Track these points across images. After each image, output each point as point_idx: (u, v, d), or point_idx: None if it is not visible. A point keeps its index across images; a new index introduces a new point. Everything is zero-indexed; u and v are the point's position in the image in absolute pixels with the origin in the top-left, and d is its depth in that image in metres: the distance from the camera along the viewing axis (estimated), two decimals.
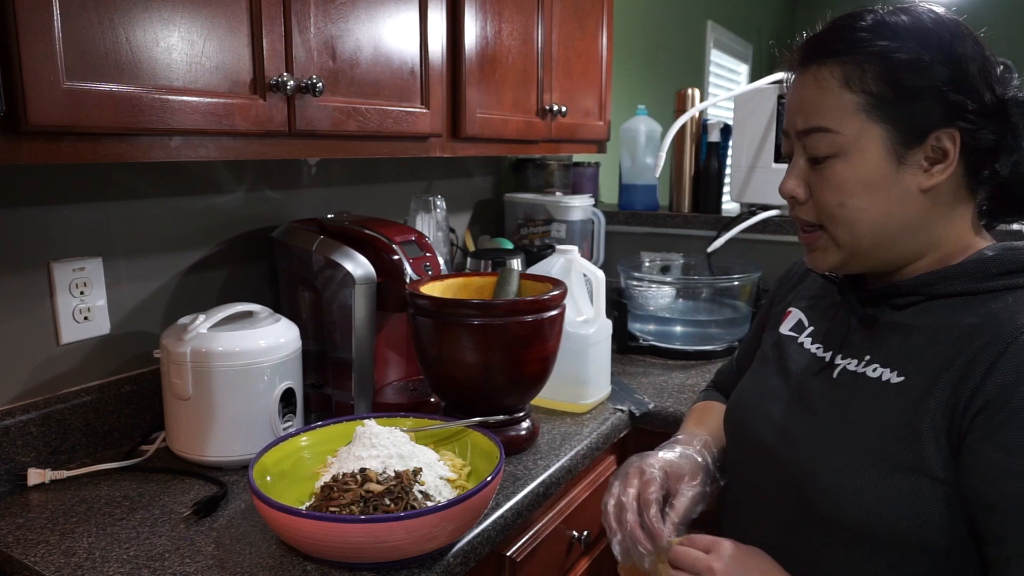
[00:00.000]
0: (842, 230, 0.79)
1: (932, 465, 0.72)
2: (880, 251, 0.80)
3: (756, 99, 1.88)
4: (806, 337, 0.92)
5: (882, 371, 0.78)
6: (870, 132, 0.76)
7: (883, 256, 0.81)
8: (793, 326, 0.95)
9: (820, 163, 0.79)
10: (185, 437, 1.13)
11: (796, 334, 0.94)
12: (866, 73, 0.75)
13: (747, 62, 4.75)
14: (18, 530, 0.96)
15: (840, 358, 0.84)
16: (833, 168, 0.78)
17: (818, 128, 0.78)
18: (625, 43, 2.86)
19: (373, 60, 1.16)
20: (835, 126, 0.77)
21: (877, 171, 0.76)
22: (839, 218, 0.79)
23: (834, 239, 0.80)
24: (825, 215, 0.80)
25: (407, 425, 1.07)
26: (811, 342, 0.91)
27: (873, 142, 0.76)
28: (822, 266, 0.84)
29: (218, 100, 0.93)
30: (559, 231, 2.01)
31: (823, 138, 0.78)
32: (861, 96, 0.75)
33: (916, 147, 0.75)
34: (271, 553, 0.91)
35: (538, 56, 1.62)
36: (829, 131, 0.77)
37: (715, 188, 2.06)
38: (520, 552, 1.11)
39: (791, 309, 0.98)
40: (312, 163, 1.52)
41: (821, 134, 0.78)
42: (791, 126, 0.82)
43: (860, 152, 0.76)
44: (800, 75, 0.81)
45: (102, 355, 1.20)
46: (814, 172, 0.80)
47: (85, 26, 0.79)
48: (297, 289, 1.31)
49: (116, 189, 1.19)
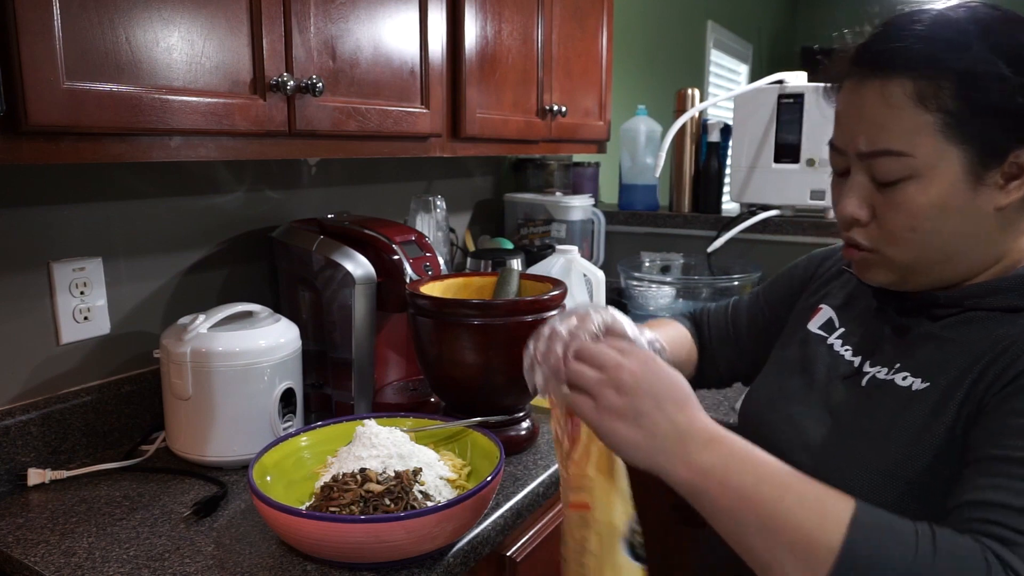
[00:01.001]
0: (906, 253, 0.74)
1: (944, 467, 0.69)
2: (942, 269, 0.75)
3: (756, 99, 1.88)
4: (836, 338, 0.88)
5: (913, 380, 0.75)
6: (947, 154, 0.69)
7: (944, 274, 0.75)
8: (823, 324, 0.91)
9: (890, 186, 0.72)
10: (185, 437, 1.13)
11: (825, 333, 0.89)
12: (941, 90, 0.68)
13: (747, 62, 4.75)
14: (18, 530, 0.96)
15: (869, 365, 0.81)
16: (905, 192, 0.71)
17: (887, 152, 0.71)
18: (625, 43, 2.86)
19: (373, 60, 1.16)
20: (908, 149, 0.70)
21: (953, 194, 0.70)
22: (907, 242, 0.73)
23: (893, 260, 0.75)
24: (889, 239, 0.74)
25: (407, 425, 1.07)
26: (841, 344, 0.86)
27: (950, 165, 0.69)
28: (876, 282, 0.79)
29: (218, 100, 0.93)
30: (559, 231, 2.01)
31: (894, 162, 0.70)
32: (937, 116, 0.68)
33: (995, 168, 0.69)
34: (271, 553, 0.91)
35: (538, 56, 1.62)
36: (902, 155, 0.70)
37: (715, 188, 2.07)
38: (520, 552, 1.11)
39: (822, 306, 0.93)
40: (312, 163, 1.52)
41: (892, 158, 0.70)
42: (849, 144, 0.74)
43: (936, 175, 0.70)
44: (858, 87, 0.73)
45: (102, 355, 1.20)
46: (881, 194, 0.73)
47: (85, 26, 0.79)
48: (297, 289, 1.31)
49: (116, 189, 1.19)
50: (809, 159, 1.82)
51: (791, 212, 1.91)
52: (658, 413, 0.65)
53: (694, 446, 0.64)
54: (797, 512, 0.60)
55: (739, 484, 0.62)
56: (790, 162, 1.84)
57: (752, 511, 0.61)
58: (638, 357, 0.68)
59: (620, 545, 0.68)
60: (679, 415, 0.65)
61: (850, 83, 0.74)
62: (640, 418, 0.65)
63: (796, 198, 1.86)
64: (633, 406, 0.65)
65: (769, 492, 0.61)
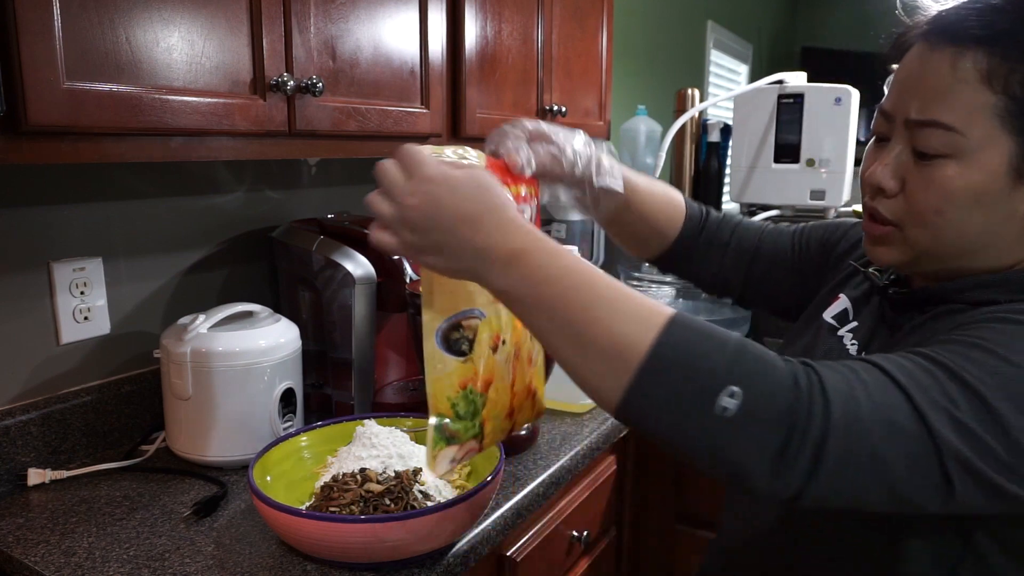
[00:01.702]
0: (926, 236, 0.70)
1: None
2: (956, 262, 0.71)
3: (756, 99, 1.88)
4: (847, 331, 0.84)
5: None
6: (997, 142, 0.65)
7: (956, 267, 0.72)
8: (837, 315, 0.87)
9: (928, 160, 0.68)
10: (185, 437, 1.13)
11: (838, 324, 0.86)
12: (1014, 73, 0.63)
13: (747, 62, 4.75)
14: (18, 530, 0.96)
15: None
16: (943, 170, 0.67)
17: (937, 123, 0.66)
18: (625, 43, 2.86)
19: (373, 60, 1.16)
20: (960, 125, 0.65)
21: (992, 186, 0.66)
22: (930, 224, 0.69)
23: (910, 240, 0.71)
24: (914, 217, 0.70)
25: (407, 425, 1.07)
26: (851, 338, 0.83)
27: (998, 153, 0.65)
28: (884, 261, 0.75)
29: (218, 100, 0.93)
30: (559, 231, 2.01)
31: (941, 135, 0.66)
32: (1000, 98, 0.64)
33: None
34: (271, 553, 0.91)
35: (538, 56, 1.62)
36: (951, 130, 0.66)
37: (715, 188, 2.07)
38: (520, 552, 1.11)
39: (841, 295, 0.88)
40: (312, 163, 1.52)
41: (940, 131, 0.66)
42: (899, 110, 0.70)
43: (980, 161, 0.66)
44: (926, 53, 0.68)
45: (102, 355, 1.20)
46: (916, 168, 0.69)
47: (85, 26, 0.79)
48: (297, 289, 1.31)
49: (116, 189, 1.19)
50: (809, 159, 1.82)
51: (791, 212, 1.91)
52: (454, 241, 0.64)
53: (497, 267, 0.63)
54: (607, 320, 0.59)
55: (547, 298, 0.61)
56: (790, 162, 1.85)
57: (561, 325, 0.61)
58: (420, 183, 0.65)
59: (435, 337, 0.69)
60: (476, 237, 0.63)
61: (918, 48, 0.69)
62: (442, 248, 0.64)
63: (796, 198, 1.86)
64: (431, 240, 0.64)
65: (577, 304, 0.60)
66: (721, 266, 1.02)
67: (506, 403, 0.73)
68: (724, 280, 1.03)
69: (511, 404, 0.73)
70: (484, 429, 0.71)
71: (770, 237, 1.02)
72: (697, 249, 1.02)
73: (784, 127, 1.85)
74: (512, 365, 0.73)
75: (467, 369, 0.70)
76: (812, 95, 1.80)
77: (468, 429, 0.70)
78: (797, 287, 0.99)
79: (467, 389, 0.70)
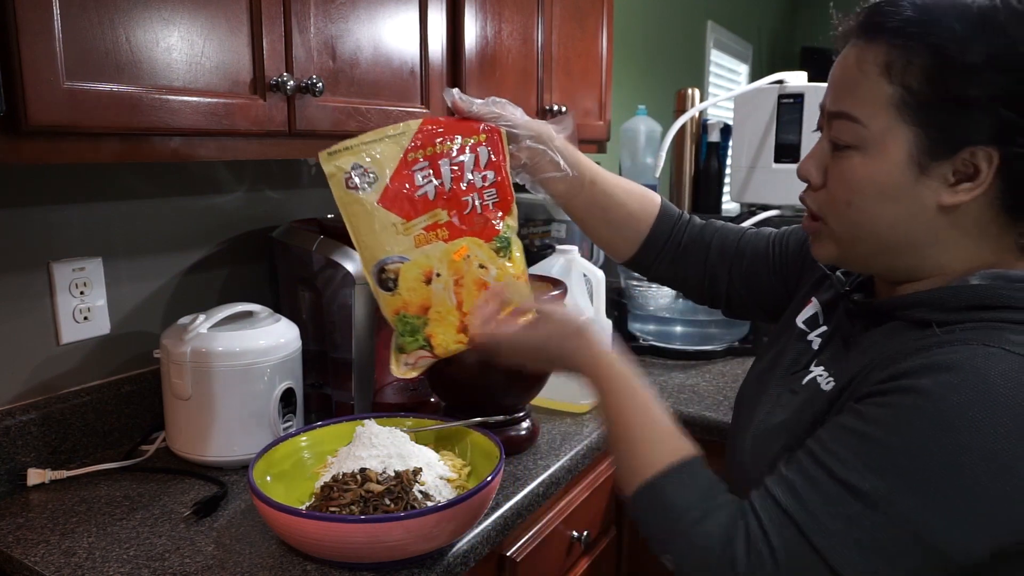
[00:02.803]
0: (843, 228, 0.73)
1: None
2: (877, 260, 0.74)
3: (756, 99, 1.88)
4: (816, 336, 0.85)
5: (829, 380, 0.75)
6: (896, 133, 0.67)
7: (880, 265, 0.75)
8: (807, 319, 0.88)
9: (840, 151, 0.71)
10: (185, 437, 1.13)
11: (808, 329, 0.87)
12: (911, 64, 0.65)
13: (747, 62, 4.75)
14: (18, 530, 0.96)
15: (814, 365, 0.80)
16: (850, 161, 0.70)
17: (844, 114, 0.70)
18: (625, 43, 2.86)
19: (373, 60, 1.16)
20: (863, 116, 0.68)
21: (893, 177, 0.68)
22: (843, 216, 0.72)
23: (834, 234, 0.75)
24: (831, 208, 0.73)
25: (407, 425, 1.07)
26: (819, 343, 0.84)
27: (897, 145, 0.67)
28: (822, 257, 0.78)
29: (218, 100, 0.93)
30: (559, 231, 2.01)
31: (848, 127, 0.69)
32: (898, 89, 0.66)
33: (944, 160, 0.66)
34: (271, 553, 0.91)
35: (538, 56, 1.62)
36: (855, 120, 0.69)
37: (715, 188, 2.07)
38: (520, 552, 1.11)
39: (812, 299, 0.89)
40: (312, 163, 1.52)
41: (847, 122, 0.69)
42: (824, 102, 0.74)
43: (881, 152, 0.68)
44: (848, 48, 0.71)
45: (102, 355, 1.20)
46: (833, 160, 0.73)
47: (85, 26, 0.79)
48: (297, 289, 1.31)
49: (116, 189, 1.19)
50: None
51: (791, 212, 1.91)
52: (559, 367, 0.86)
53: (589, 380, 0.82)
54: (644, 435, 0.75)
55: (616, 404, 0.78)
56: (790, 162, 1.84)
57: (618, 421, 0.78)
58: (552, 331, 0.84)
59: (371, 278, 0.89)
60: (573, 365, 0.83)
61: (848, 44, 0.72)
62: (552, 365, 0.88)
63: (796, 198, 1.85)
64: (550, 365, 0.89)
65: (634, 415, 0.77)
66: (705, 265, 1.02)
67: (454, 321, 0.90)
68: (712, 280, 1.02)
69: (461, 322, 0.90)
70: (432, 342, 0.90)
71: (751, 237, 1.03)
72: (679, 248, 1.03)
73: (784, 127, 1.85)
74: (454, 292, 0.89)
75: (395, 300, 0.89)
76: (812, 95, 1.80)
77: (412, 343, 0.90)
78: (779, 288, 0.99)
79: (400, 314, 0.89)
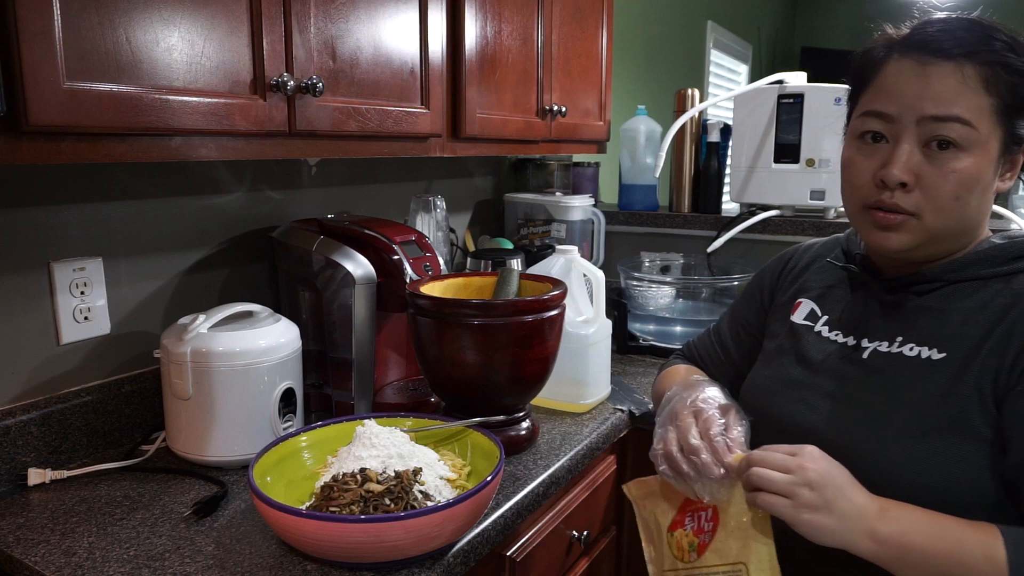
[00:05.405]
0: (942, 219, 0.82)
1: (978, 426, 0.79)
2: (953, 241, 0.86)
3: (756, 99, 1.88)
4: (823, 325, 0.96)
5: (919, 349, 0.84)
6: (995, 135, 0.80)
7: (942, 248, 0.86)
8: (807, 315, 0.99)
9: (944, 151, 0.80)
10: (185, 437, 1.13)
11: (811, 323, 0.98)
12: (1000, 80, 0.79)
13: (747, 62, 4.75)
14: (18, 530, 0.96)
15: (867, 341, 0.89)
16: (959, 162, 0.80)
17: (958, 119, 0.79)
18: (625, 43, 2.86)
19: (373, 60, 1.16)
20: (975, 121, 0.79)
21: (988, 172, 0.81)
22: (947, 210, 0.81)
23: (927, 226, 0.83)
24: (933, 204, 0.81)
25: (407, 425, 1.07)
26: (828, 330, 0.95)
27: (995, 144, 0.81)
28: (894, 247, 0.85)
29: (218, 100, 0.93)
30: (559, 231, 2.01)
31: (961, 129, 0.79)
32: (995, 100, 0.79)
33: (1011, 155, 0.83)
34: (271, 553, 0.91)
35: (538, 56, 1.62)
36: (968, 124, 0.79)
37: (715, 188, 2.06)
38: (520, 552, 1.11)
39: (800, 300, 1.01)
40: (312, 163, 1.52)
41: (960, 125, 0.79)
42: (907, 110, 0.81)
43: (985, 152, 0.80)
44: (933, 64, 0.81)
45: (102, 355, 1.20)
46: (928, 162, 0.81)
47: (85, 26, 0.79)
48: (297, 289, 1.31)
49: (116, 189, 1.19)
50: (809, 159, 1.82)
51: (791, 212, 1.91)
52: (842, 499, 0.77)
53: (873, 521, 0.77)
54: (966, 560, 0.74)
55: (919, 546, 0.76)
56: (790, 162, 1.84)
57: (931, 566, 0.75)
58: (811, 454, 0.79)
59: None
60: (856, 496, 0.78)
61: (907, 62, 0.82)
62: (831, 506, 0.77)
63: (796, 198, 1.86)
64: (824, 498, 0.77)
65: (943, 547, 0.75)
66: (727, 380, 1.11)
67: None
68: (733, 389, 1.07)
69: None
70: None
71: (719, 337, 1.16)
72: None
73: (784, 127, 1.84)
74: None
75: None
76: (812, 95, 1.80)
77: None
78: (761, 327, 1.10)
79: None
